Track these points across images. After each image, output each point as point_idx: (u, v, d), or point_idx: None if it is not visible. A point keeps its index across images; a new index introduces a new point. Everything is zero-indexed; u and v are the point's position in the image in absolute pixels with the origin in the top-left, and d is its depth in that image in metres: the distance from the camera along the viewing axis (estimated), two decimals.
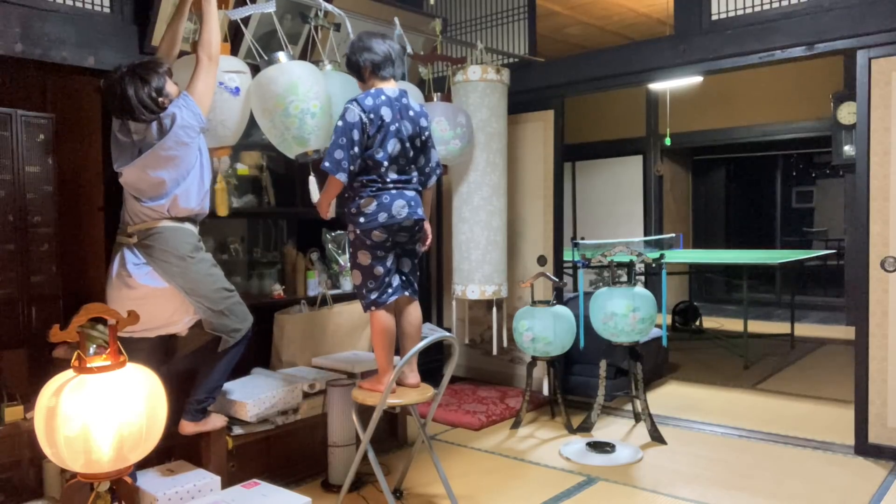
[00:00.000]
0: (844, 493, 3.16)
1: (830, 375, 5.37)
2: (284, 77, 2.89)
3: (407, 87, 3.57)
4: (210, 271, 2.84)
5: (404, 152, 2.92)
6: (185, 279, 2.75)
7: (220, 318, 2.85)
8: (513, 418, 4.22)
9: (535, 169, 4.85)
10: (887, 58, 3.50)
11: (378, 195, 2.86)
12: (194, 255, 2.79)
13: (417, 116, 2.98)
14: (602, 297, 3.91)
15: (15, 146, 3.11)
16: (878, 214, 3.54)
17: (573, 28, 6.67)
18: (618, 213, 8.77)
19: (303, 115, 2.91)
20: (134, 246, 2.75)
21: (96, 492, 2.03)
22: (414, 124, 2.96)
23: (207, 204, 2.89)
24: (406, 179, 2.95)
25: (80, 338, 1.94)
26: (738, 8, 3.95)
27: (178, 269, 2.74)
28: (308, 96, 2.91)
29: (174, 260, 2.74)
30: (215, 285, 2.84)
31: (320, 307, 4.04)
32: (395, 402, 2.87)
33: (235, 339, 2.90)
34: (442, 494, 3.09)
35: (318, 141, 3.01)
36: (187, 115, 2.69)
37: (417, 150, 3.00)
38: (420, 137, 3.00)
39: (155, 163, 2.68)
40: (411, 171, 2.99)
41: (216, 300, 2.84)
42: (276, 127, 2.96)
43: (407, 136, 2.91)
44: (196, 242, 2.83)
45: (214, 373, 2.91)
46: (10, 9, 2.92)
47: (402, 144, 2.90)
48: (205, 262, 2.84)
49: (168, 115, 2.66)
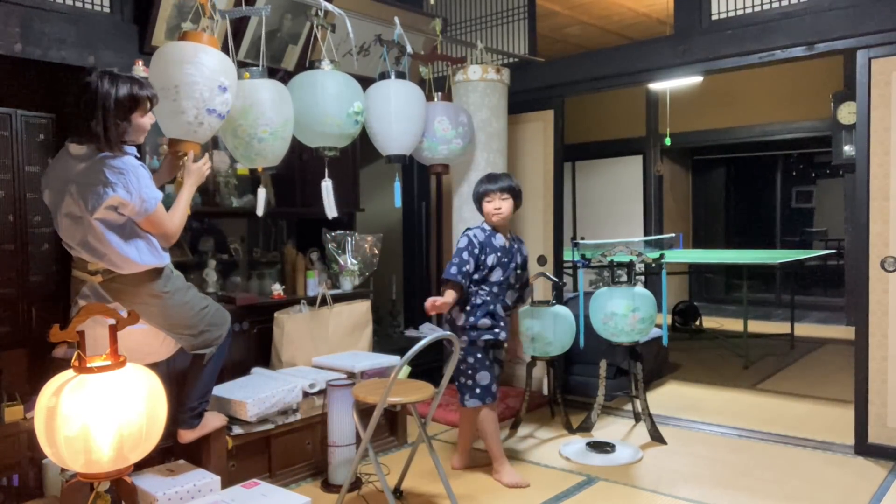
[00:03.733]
0: (844, 493, 3.16)
1: (830, 375, 5.37)
2: (240, 100, 2.94)
3: (406, 87, 3.57)
4: (186, 299, 2.66)
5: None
6: (165, 317, 2.59)
7: (202, 336, 2.73)
8: (512, 418, 4.22)
9: (535, 169, 4.85)
10: (887, 58, 3.50)
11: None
12: (168, 289, 2.58)
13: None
14: (602, 297, 3.91)
15: (15, 146, 3.11)
16: (878, 214, 3.54)
17: (573, 28, 6.67)
18: (618, 213, 8.77)
19: (249, 139, 3.01)
20: (99, 285, 2.50)
21: (96, 492, 2.03)
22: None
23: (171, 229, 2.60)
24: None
25: (79, 338, 1.94)
26: (738, 8, 3.95)
27: (157, 309, 2.55)
28: (258, 123, 2.98)
29: (149, 300, 2.54)
30: (192, 311, 2.68)
31: (320, 307, 4.04)
32: (396, 401, 2.87)
33: (219, 345, 2.81)
34: (442, 494, 3.09)
35: (266, 161, 3.14)
36: (128, 197, 2.38)
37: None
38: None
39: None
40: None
41: (195, 325, 2.70)
42: (227, 140, 3.10)
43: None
44: (167, 272, 2.62)
45: (203, 378, 2.82)
46: (10, 9, 2.93)
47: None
48: (180, 291, 2.64)
49: (114, 191, 2.36)
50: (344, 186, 3.47)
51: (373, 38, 4.38)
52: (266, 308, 3.90)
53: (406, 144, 3.65)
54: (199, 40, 2.66)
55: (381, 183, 5.41)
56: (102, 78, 2.37)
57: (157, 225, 2.50)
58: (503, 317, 3.33)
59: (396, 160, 3.67)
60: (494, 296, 3.30)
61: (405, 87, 3.56)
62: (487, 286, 3.28)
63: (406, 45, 3.63)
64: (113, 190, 2.35)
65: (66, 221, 2.45)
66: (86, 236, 2.42)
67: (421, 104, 3.65)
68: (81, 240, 2.44)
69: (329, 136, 3.28)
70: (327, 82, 3.22)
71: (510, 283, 3.37)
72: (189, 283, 2.76)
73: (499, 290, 3.31)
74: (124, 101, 2.37)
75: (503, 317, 3.33)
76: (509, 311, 3.42)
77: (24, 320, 3.15)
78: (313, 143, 3.34)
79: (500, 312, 3.31)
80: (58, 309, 3.21)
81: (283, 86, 3.11)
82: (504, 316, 3.34)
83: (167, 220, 2.52)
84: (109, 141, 2.36)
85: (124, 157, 2.40)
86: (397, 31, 3.60)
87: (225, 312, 2.88)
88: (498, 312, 3.30)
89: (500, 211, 3.31)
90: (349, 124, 3.29)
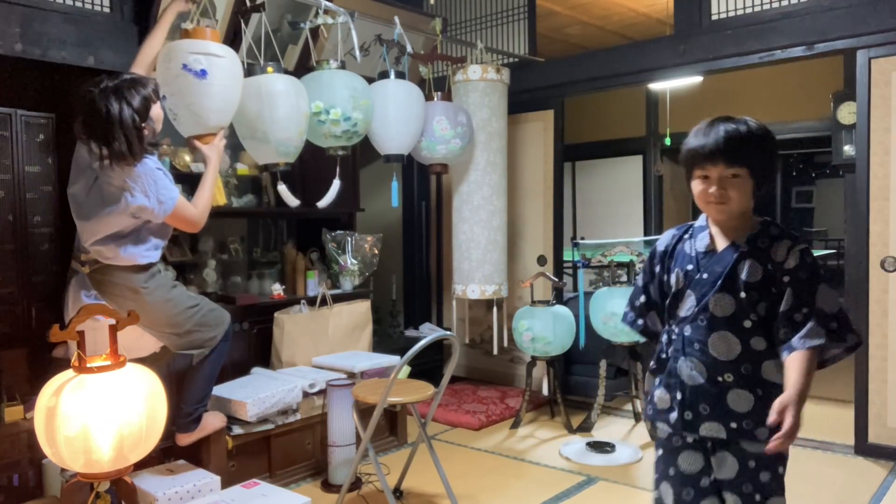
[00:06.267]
0: (844, 493, 3.16)
1: (830, 375, 5.33)
2: (259, 96, 2.95)
3: (405, 87, 3.57)
4: (168, 296, 2.63)
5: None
6: (142, 313, 2.46)
7: (189, 336, 2.70)
8: (513, 418, 4.22)
9: (535, 169, 4.85)
10: (887, 58, 3.50)
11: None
12: (148, 285, 2.57)
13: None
14: (602, 297, 3.91)
15: (15, 146, 3.11)
16: (878, 214, 3.54)
17: (573, 28, 6.66)
18: (618, 213, 8.77)
19: (265, 133, 3.00)
20: (87, 276, 2.56)
21: (96, 492, 2.03)
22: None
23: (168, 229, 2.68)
24: None
25: (79, 338, 1.94)
26: (738, 8, 3.95)
27: (134, 304, 2.50)
28: (276, 118, 2.97)
29: (128, 293, 2.55)
30: (176, 309, 2.65)
31: (320, 307, 4.04)
32: (396, 401, 2.87)
33: (212, 346, 2.76)
34: (442, 494, 3.08)
35: (287, 157, 3.12)
36: (146, 202, 2.44)
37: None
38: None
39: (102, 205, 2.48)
40: None
41: (180, 323, 2.66)
42: (244, 136, 3.08)
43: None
44: (153, 269, 2.62)
45: (197, 381, 2.78)
46: (10, 9, 2.92)
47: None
48: (161, 288, 2.63)
49: (133, 197, 2.42)
50: (344, 186, 3.46)
51: (373, 37, 4.38)
52: (266, 308, 3.90)
53: (404, 144, 3.65)
54: (204, 37, 2.69)
55: (380, 183, 5.41)
56: (107, 97, 2.35)
57: (181, 220, 2.56)
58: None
59: (394, 160, 3.68)
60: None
61: (404, 87, 3.56)
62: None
63: (406, 45, 3.63)
64: (132, 195, 2.41)
65: (73, 201, 2.55)
66: (84, 217, 2.51)
67: (420, 104, 3.65)
68: (79, 216, 2.53)
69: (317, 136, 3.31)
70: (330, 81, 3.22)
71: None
72: (176, 283, 2.76)
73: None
74: (140, 110, 2.40)
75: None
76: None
77: (24, 320, 3.14)
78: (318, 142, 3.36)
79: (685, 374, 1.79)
80: (58, 309, 3.21)
81: (299, 81, 3.12)
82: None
83: (190, 212, 2.58)
84: (136, 155, 2.39)
85: (143, 161, 2.44)
86: (397, 31, 3.60)
87: (222, 313, 2.84)
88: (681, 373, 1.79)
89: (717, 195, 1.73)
90: (312, 125, 3.26)
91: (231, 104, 2.83)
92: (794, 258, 1.69)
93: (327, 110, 3.22)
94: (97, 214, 2.48)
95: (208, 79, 2.68)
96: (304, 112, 3.11)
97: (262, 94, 2.97)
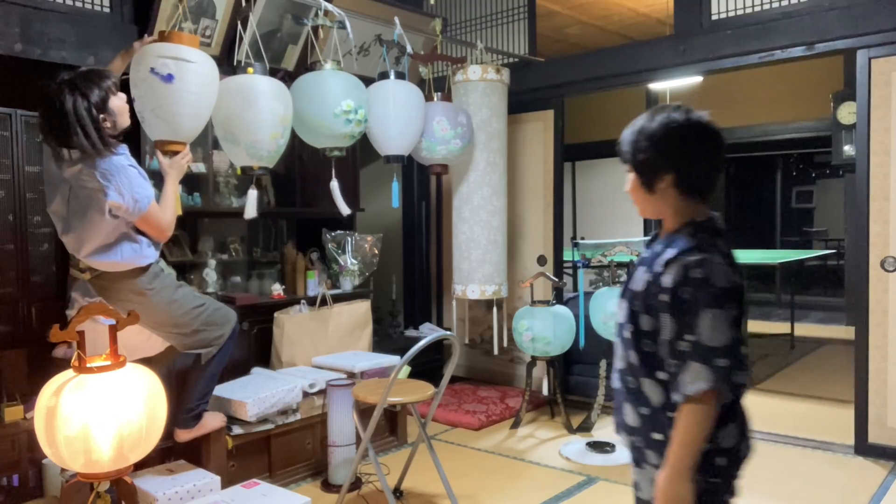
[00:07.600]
0: (844, 493, 3.16)
1: (830, 375, 5.37)
2: (239, 96, 2.90)
3: (405, 87, 3.57)
4: (173, 297, 2.62)
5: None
6: (148, 315, 2.51)
7: (196, 335, 2.70)
8: (513, 418, 4.22)
9: (535, 169, 4.85)
10: (887, 58, 3.50)
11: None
12: (153, 286, 2.56)
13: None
14: (602, 297, 3.91)
15: (15, 146, 3.11)
16: (878, 214, 3.54)
17: (573, 28, 6.66)
18: (618, 214, 8.77)
19: (245, 135, 2.95)
20: (89, 282, 2.54)
21: (96, 492, 2.03)
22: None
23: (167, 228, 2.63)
24: None
25: (79, 338, 1.94)
26: (738, 8, 3.95)
27: (141, 306, 2.47)
28: (256, 120, 2.92)
29: (132, 297, 2.53)
30: (182, 310, 2.64)
31: (320, 307, 4.04)
32: (396, 401, 2.87)
33: (220, 345, 2.78)
34: (442, 494, 3.08)
35: (261, 161, 3.06)
36: (121, 199, 2.40)
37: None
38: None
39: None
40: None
41: (187, 323, 2.66)
42: (222, 137, 3.03)
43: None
44: (154, 269, 2.60)
45: (203, 379, 2.80)
46: (10, 9, 2.93)
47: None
48: (167, 289, 2.62)
49: (107, 195, 2.38)
50: (344, 186, 3.46)
51: (373, 37, 4.38)
52: (266, 308, 3.90)
53: (404, 145, 3.65)
54: (178, 41, 2.62)
55: (380, 183, 5.41)
56: (63, 92, 2.31)
57: (153, 223, 2.50)
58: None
59: (395, 160, 3.68)
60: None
61: (404, 87, 3.55)
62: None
63: (406, 45, 3.63)
64: (105, 194, 2.37)
65: (55, 218, 2.51)
66: (69, 230, 2.48)
67: (420, 104, 3.65)
68: (64, 231, 2.50)
69: (323, 136, 3.27)
70: (325, 82, 3.22)
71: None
72: (181, 282, 2.74)
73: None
74: (97, 103, 2.35)
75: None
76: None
77: (24, 320, 3.15)
78: (317, 143, 3.34)
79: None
80: (58, 309, 3.21)
81: (282, 84, 3.09)
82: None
83: (162, 217, 2.53)
84: (98, 148, 2.35)
85: (112, 158, 2.39)
86: (397, 31, 3.60)
87: (229, 312, 2.86)
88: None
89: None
90: (339, 124, 3.23)
91: (203, 110, 2.73)
92: (673, 273, 1.44)
93: (356, 109, 3.21)
94: (81, 223, 2.44)
95: (175, 83, 2.58)
96: (280, 115, 3.02)
97: (235, 94, 2.92)
